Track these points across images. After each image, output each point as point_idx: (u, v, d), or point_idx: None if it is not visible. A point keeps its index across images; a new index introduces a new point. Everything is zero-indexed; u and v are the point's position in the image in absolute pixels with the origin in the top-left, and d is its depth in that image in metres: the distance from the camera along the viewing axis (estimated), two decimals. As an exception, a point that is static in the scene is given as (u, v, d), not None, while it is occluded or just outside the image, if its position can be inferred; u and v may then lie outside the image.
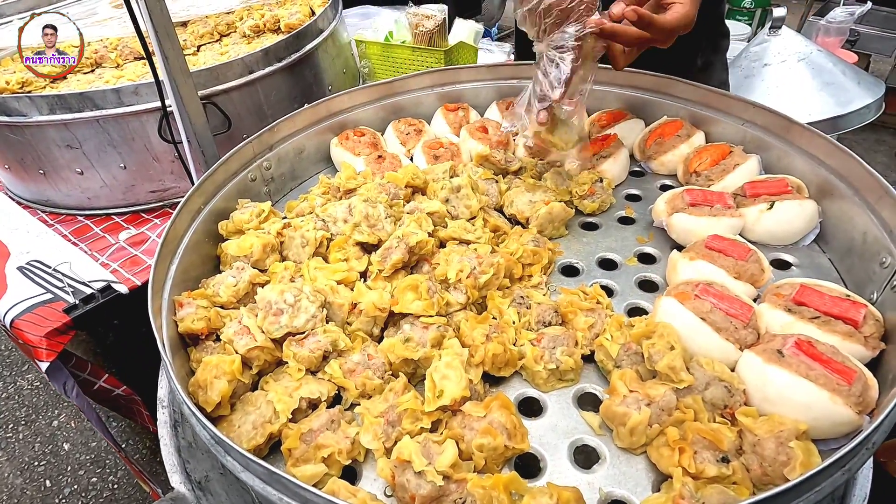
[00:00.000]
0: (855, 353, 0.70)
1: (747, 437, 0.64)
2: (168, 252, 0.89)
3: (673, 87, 1.22)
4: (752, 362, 0.70)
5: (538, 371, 0.77)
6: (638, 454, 0.69)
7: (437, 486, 0.62)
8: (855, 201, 0.88)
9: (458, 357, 0.75)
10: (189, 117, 1.07)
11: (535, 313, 0.85)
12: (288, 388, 0.76)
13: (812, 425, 0.64)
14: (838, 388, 0.64)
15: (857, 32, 3.58)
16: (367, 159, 1.20)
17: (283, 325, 0.80)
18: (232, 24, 1.82)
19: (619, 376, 0.72)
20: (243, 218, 1.01)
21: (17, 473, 2.29)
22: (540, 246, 0.97)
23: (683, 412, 0.68)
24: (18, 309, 1.12)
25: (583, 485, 0.65)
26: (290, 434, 0.70)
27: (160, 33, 0.96)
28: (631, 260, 0.99)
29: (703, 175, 1.07)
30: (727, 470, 0.62)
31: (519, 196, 1.07)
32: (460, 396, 0.71)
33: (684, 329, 0.75)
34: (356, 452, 0.71)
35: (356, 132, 1.27)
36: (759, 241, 0.95)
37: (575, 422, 0.74)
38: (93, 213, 1.42)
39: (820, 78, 2.32)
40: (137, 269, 1.24)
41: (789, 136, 1.03)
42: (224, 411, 0.74)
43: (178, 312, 0.83)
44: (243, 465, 0.58)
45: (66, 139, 1.27)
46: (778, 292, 0.80)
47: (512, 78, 1.40)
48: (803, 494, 0.51)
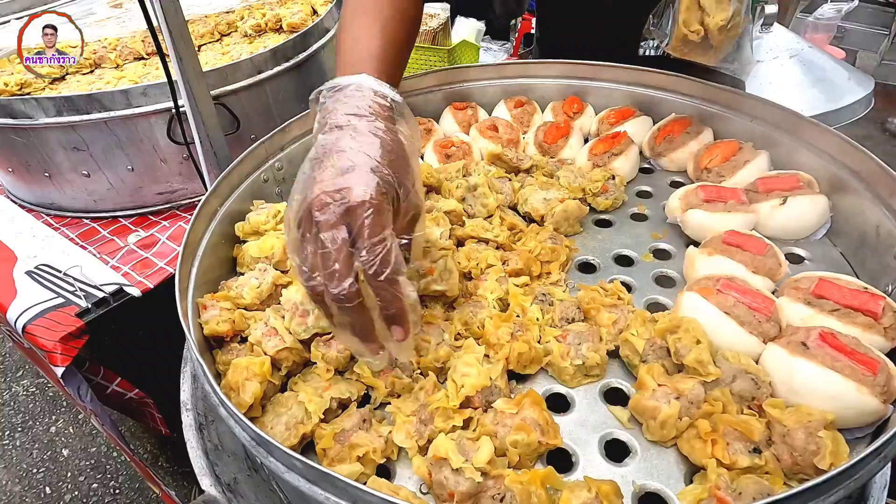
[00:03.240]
0: (875, 344, 0.72)
1: (776, 427, 0.66)
2: (189, 254, 0.89)
3: (680, 85, 1.24)
4: (778, 355, 0.71)
5: (565, 367, 0.78)
6: (668, 447, 0.70)
7: (475, 483, 0.62)
8: (867, 196, 0.90)
9: (475, 355, 0.77)
10: (202, 118, 1.06)
11: (559, 310, 0.86)
12: (318, 389, 0.76)
13: (839, 415, 0.65)
14: (864, 378, 0.65)
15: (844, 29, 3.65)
16: (380, 159, 1.20)
17: (310, 326, 0.80)
18: (232, 24, 1.81)
19: (646, 371, 0.74)
20: (259, 219, 1.00)
21: (15, 481, 2.26)
22: (557, 243, 0.98)
23: (712, 405, 0.69)
24: (30, 314, 1.10)
25: (616, 478, 0.66)
26: (324, 434, 0.71)
27: (174, 34, 0.96)
28: (647, 256, 1.00)
29: (714, 171, 1.09)
30: (760, 460, 0.63)
31: (533, 194, 1.07)
32: (481, 386, 0.73)
33: (708, 323, 0.77)
34: (390, 451, 0.71)
35: (366, 132, 1.26)
36: (772, 236, 0.97)
37: (603, 416, 0.75)
38: (99, 215, 1.41)
39: (812, 74, 2.36)
40: (149, 271, 1.23)
41: (798, 132, 1.05)
42: (255, 413, 0.74)
43: (202, 315, 0.83)
44: (288, 466, 0.59)
45: (73, 141, 1.26)
46: (796, 286, 0.81)
47: (519, 76, 1.40)
48: (843, 482, 0.52)
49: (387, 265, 0.59)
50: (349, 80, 0.71)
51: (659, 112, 1.28)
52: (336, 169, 0.61)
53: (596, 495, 0.61)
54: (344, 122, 0.65)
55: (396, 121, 0.71)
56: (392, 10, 0.85)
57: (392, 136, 0.67)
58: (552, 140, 1.24)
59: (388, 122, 0.68)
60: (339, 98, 0.69)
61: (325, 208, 0.59)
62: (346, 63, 0.78)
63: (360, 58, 0.77)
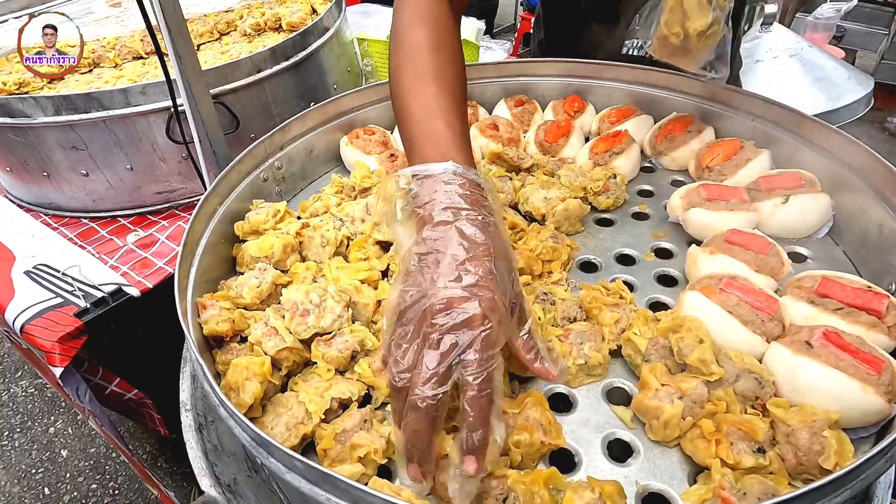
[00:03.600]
0: (879, 343, 0.72)
1: (780, 427, 0.65)
2: (188, 254, 0.88)
3: (681, 83, 1.23)
4: (781, 354, 0.71)
5: (567, 367, 0.77)
6: (671, 447, 0.70)
7: (478, 483, 0.62)
8: (869, 194, 0.90)
9: None
10: (202, 117, 1.06)
11: (560, 310, 0.86)
12: (318, 389, 0.75)
13: (843, 414, 0.65)
14: (868, 378, 0.65)
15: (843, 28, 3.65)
16: (380, 158, 1.20)
17: (310, 325, 0.80)
18: (232, 23, 1.81)
19: (649, 370, 0.73)
20: (259, 218, 1.00)
21: (14, 482, 2.25)
22: (559, 242, 0.98)
23: (715, 404, 0.68)
24: (28, 314, 1.10)
25: (619, 478, 0.66)
26: (324, 435, 0.70)
27: (173, 32, 0.95)
28: (648, 255, 1.00)
29: (716, 170, 1.08)
30: (764, 460, 0.63)
31: (534, 193, 1.07)
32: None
33: (711, 322, 0.76)
34: (391, 451, 0.71)
35: (366, 130, 1.26)
36: (774, 235, 0.96)
37: (606, 416, 0.74)
38: (98, 215, 1.40)
39: (811, 73, 2.37)
40: (148, 271, 1.22)
41: (800, 131, 1.05)
42: (256, 413, 0.74)
43: (201, 315, 0.83)
44: (288, 466, 0.58)
45: (72, 140, 1.25)
46: (800, 284, 0.81)
47: (519, 75, 1.40)
48: (849, 483, 0.52)
49: (490, 383, 0.57)
50: (438, 167, 0.69)
51: (660, 111, 1.28)
52: (453, 273, 0.60)
53: (599, 496, 0.60)
54: (447, 216, 0.64)
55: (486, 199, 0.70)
56: (453, 69, 0.82)
57: (495, 231, 0.66)
58: (553, 139, 1.24)
59: (486, 212, 0.67)
60: (433, 187, 0.67)
61: (446, 314, 0.58)
62: (427, 144, 0.75)
63: (441, 139, 0.74)
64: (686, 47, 1.01)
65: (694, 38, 0.98)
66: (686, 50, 1.02)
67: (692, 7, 0.96)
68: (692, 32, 0.97)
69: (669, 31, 1.00)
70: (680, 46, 1.02)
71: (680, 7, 0.98)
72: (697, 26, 0.96)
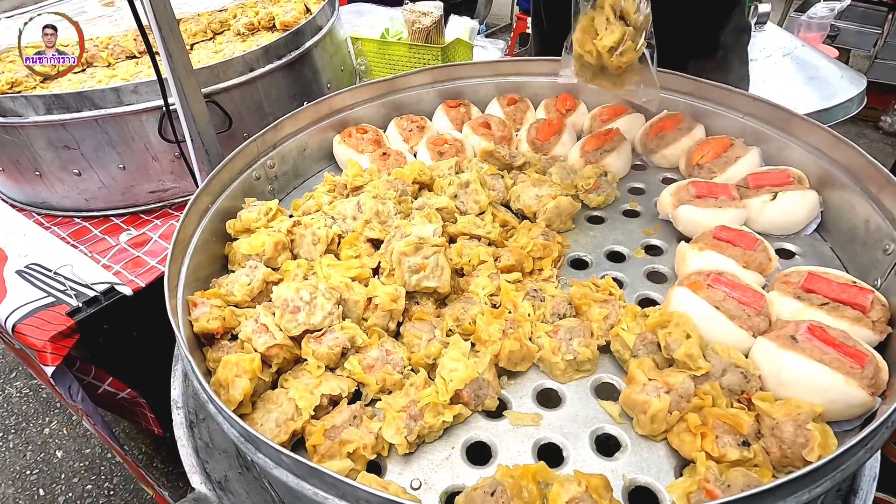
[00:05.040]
0: (863, 338, 0.72)
1: (765, 420, 0.66)
2: (179, 252, 0.88)
3: (672, 82, 1.24)
4: (767, 348, 0.72)
5: (556, 362, 0.78)
6: (658, 441, 0.70)
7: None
8: (856, 191, 0.91)
9: (461, 350, 0.77)
10: (193, 116, 1.06)
11: (550, 306, 0.86)
12: (308, 386, 0.76)
13: (827, 407, 0.66)
14: (852, 371, 0.66)
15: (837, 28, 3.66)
16: (372, 156, 1.20)
17: (300, 322, 0.80)
18: (225, 22, 1.81)
19: (637, 365, 0.74)
20: (251, 216, 1.00)
21: (8, 483, 2.25)
22: (549, 240, 0.98)
23: (702, 398, 0.69)
24: (20, 313, 1.10)
25: (607, 472, 0.66)
26: (314, 431, 0.70)
27: (164, 30, 0.95)
28: (638, 252, 1.00)
29: (706, 167, 1.09)
30: (749, 453, 0.63)
31: (525, 191, 1.07)
32: (469, 379, 0.73)
33: (699, 318, 0.77)
34: (380, 447, 0.71)
35: (358, 129, 1.26)
36: (763, 231, 0.97)
37: (594, 411, 0.75)
38: (90, 214, 1.40)
39: (805, 72, 2.38)
40: (140, 270, 1.22)
41: (789, 129, 1.05)
42: (246, 410, 0.74)
43: (192, 312, 0.83)
44: (276, 462, 0.58)
45: (64, 140, 1.25)
46: (786, 280, 0.81)
47: (512, 74, 1.40)
48: (829, 473, 0.52)
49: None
50: None
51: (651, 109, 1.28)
52: None
53: (586, 489, 0.61)
54: None
55: None
56: None
57: None
58: (545, 137, 1.24)
59: None
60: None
61: None
62: None
63: None
64: (603, 66, 0.98)
65: (606, 55, 0.95)
66: (605, 71, 0.98)
67: (601, 23, 0.93)
68: (602, 49, 0.94)
69: (583, 49, 0.97)
70: (598, 66, 0.99)
71: (591, 25, 0.95)
72: (607, 42, 0.93)
